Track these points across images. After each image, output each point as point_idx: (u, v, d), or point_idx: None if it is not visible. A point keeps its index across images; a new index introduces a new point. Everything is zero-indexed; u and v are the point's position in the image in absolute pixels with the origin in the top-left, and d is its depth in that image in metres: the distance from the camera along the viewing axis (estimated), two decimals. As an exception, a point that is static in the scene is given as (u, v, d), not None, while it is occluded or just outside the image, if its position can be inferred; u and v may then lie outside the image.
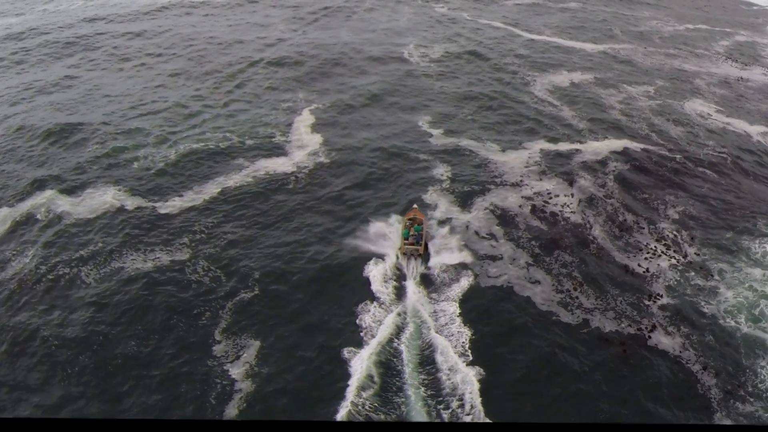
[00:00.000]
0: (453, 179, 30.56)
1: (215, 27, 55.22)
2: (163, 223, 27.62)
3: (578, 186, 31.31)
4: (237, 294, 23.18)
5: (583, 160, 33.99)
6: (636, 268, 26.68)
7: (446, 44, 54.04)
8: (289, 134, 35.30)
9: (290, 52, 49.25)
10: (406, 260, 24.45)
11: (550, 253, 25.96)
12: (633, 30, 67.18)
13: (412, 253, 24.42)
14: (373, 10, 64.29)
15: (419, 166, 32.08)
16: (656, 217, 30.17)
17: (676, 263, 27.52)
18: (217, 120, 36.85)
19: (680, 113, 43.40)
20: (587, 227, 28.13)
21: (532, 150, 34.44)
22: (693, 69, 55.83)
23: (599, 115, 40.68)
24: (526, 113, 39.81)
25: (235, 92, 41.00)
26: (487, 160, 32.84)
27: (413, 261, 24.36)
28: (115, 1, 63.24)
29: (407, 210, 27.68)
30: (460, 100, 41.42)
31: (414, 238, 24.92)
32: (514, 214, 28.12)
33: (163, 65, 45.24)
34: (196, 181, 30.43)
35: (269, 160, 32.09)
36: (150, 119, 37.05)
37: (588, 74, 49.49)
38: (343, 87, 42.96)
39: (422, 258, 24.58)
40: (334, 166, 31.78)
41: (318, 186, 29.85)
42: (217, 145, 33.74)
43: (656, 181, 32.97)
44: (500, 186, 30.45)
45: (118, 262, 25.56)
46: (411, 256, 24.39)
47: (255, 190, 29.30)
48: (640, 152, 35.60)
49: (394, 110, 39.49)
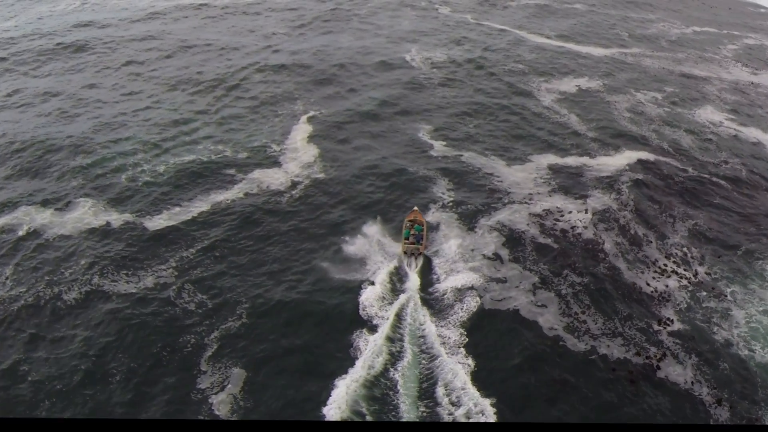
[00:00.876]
0: (456, 196, 29.18)
1: (213, 32, 53.96)
2: (150, 242, 26.40)
3: (589, 202, 29.82)
4: (224, 321, 21.92)
5: (594, 174, 32.53)
6: (646, 288, 25.36)
7: (449, 49, 52.68)
8: (284, 145, 34.05)
9: (289, 58, 47.97)
10: (407, 258, 24.66)
11: (559, 275, 24.62)
12: (640, 33, 65.72)
13: (413, 252, 24.70)
14: (376, 14, 62.94)
15: (420, 182, 30.68)
16: (668, 233, 28.81)
17: (687, 283, 26.19)
18: (210, 129, 35.63)
19: (691, 121, 41.99)
20: (599, 246, 26.71)
21: (539, 163, 33.04)
22: (702, 74, 54.37)
23: (608, 124, 39.28)
24: (532, 122, 38.44)
25: (230, 100, 39.75)
26: (492, 175, 31.44)
27: (414, 259, 24.60)
28: (111, 6, 62.06)
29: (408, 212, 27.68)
30: (463, 109, 40.09)
31: (414, 237, 25.15)
32: (521, 234, 26.72)
33: (158, 72, 44.02)
34: (186, 195, 29.20)
35: (263, 173, 30.82)
36: (141, 128, 35.84)
37: (595, 80, 48.09)
38: (343, 94, 41.69)
39: (422, 256, 24.79)
40: (331, 181, 30.48)
41: (313, 203, 28.54)
42: (210, 156, 32.50)
43: (668, 195, 31.58)
44: (507, 204, 29.01)
45: (100, 283, 24.34)
46: (412, 255, 24.67)
47: (246, 207, 28.01)
48: (651, 164, 34.17)
49: (394, 119, 38.19)
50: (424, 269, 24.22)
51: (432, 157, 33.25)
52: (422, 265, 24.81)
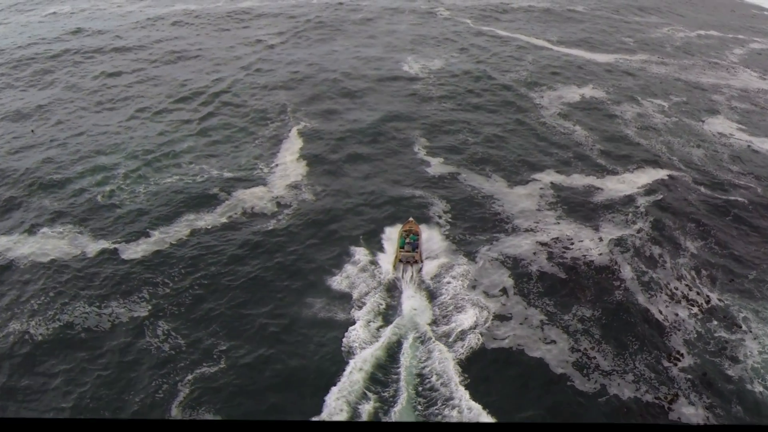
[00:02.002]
0: (455, 222, 27.14)
1: (203, 42, 52.11)
2: (124, 272, 24.55)
3: (600, 228, 27.65)
4: (199, 364, 20.01)
5: (603, 195, 30.38)
6: (660, 316, 23.51)
7: (448, 56, 50.82)
8: (272, 162, 32.16)
9: (282, 69, 46.14)
10: (402, 267, 23.75)
11: (568, 309, 22.65)
12: (644, 38, 63.88)
13: (408, 260, 23.83)
14: (373, 20, 61.12)
15: (415, 205, 28.63)
16: (682, 256, 26.85)
17: (698, 311, 24.37)
18: (195, 146, 33.74)
19: (700, 133, 40.07)
20: (613, 274, 24.68)
21: (543, 182, 31.00)
22: (709, 81, 52.48)
23: (615, 138, 37.32)
24: (534, 136, 36.47)
25: (218, 114, 37.86)
26: (493, 198, 29.37)
27: (409, 268, 23.69)
28: (99, 14, 60.33)
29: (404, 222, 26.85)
30: (462, 122, 38.16)
31: (410, 245, 24.47)
32: (527, 264, 24.62)
33: (143, 84, 42.14)
34: (165, 219, 27.31)
35: (248, 194, 28.89)
36: (123, 145, 34.00)
37: (599, 89, 46.20)
38: (335, 105, 39.78)
39: (418, 266, 23.94)
40: (319, 203, 28.56)
41: (299, 226, 26.60)
42: (193, 176, 30.63)
43: (682, 215, 29.52)
44: (510, 231, 26.88)
45: (70, 316, 22.62)
46: (407, 263, 23.77)
47: (228, 233, 26.10)
48: (663, 182, 32.05)
49: (389, 133, 36.26)
50: (422, 304, 22.26)
51: (428, 177, 31.29)
52: (418, 286, 23.42)
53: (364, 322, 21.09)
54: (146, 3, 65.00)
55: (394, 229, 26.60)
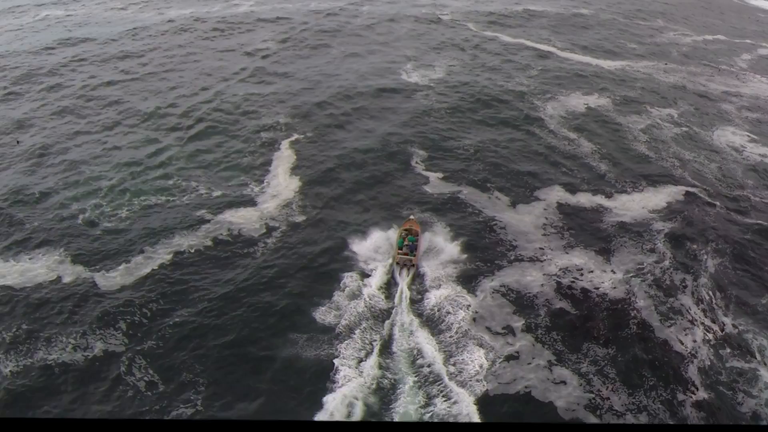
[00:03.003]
0: (454, 247, 25.17)
1: (195, 51, 50.44)
2: (101, 301, 22.94)
3: (612, 255, 25.82)
4: (177, 407, 18.40)
5: (613, 217, 28.56)
6: (676, 345, 21.90)
7: (448, 63, 49.17)
8: (264, 178, 30.50)
9: (275, 78, 44.46)
10: (398, 269, 23.67)
11: (579, 346, 20.90)
12: (650, 43, 62.28)
13: (405, 263, 23.84)
14: (372, 26, 59.49)
15: (412, 226, 27.02)
16: (699, 282, 25.15)
17: (712, 337, 22.81)
18: (184, 161, 32.07)
19: (712, 145, 38.39)
20: (628, 305, 22.96)
21: (548, 202, 29.25)
22: (718, 88, 50.85)
23: (622, 151, 35.63)
24: (538, 150, 34.74)
25: (209, 127, 36.12)
26: (495, 219, 27.57)
27: (405, 271, 23.64)
28: (91, 20, 58.78)
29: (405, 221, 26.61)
30: (462, 133, 36.49)
31: (408, 248, 24.37)
32: (532, 298, 22.81)
33: (131, 96, 40.41)
34: (148, 242, 25.68)
35: (236, 215, 27.21)
36: (108, 159, 32.40)
37: (605, 97, 44.56)
38: (330, 117, 38.07)
39: (415, 269, 23.84)
40: (311, 225, 26.87)
41: (289, 253, 24.90)
42: (180, 196, 29.00)
43: (696, 237, 27.77)
44: (513, 260, 25.02)
45: (41, 350, 21.01)
46: (404, 266, 23.75)
47: (214, 258, 24.41)
48: (675, 201, 30.26)
49: (386, 146, 34.56)
50: (419, 339, 20.58)
51: (427, 196, 29.59)
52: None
53: (353, 361, 19.41)
54: (139, 7, 63.49)
55: (387, 251, 25.03)
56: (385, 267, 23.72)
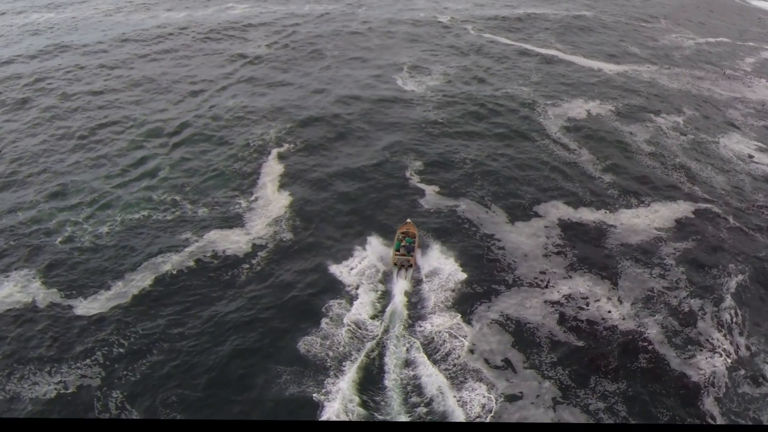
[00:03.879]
0: (449, 272, 23.75)
1: (184, 59, 49.02)
2: (77, 330, 21.65)
3: (620, 279, 24.33)
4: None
5: (618, 236, 27.10)
6: (694, 374, 20.57)
7: (445, 69, 47.81)
8: (252, 194, 29.16)
9: (266, 87, 43.03)
10: (396, 270, 23.93)
11: (586, 382, 19.49)
12: (652, 45, 60.97)
13: (403, 264, 24.14)
14: (368, 31, 58.08)
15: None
16: (717, 302, 23.85)
17: (735, 367, 21.55)
18: (169, 176, 30.64)
19: (719, 155, 37.07)
20: (639, 336, 21.55)
21: (548, 218, 27.91)
22: (723, 93, 49.57)
23: (626, 162, 34.29)
24: (538, 161, 33.39)
25: (196, 139, 34.74)
26: (493, 238, 26.24)
27: (403, 271, 23.95)
28: (81, 25, 57.34)
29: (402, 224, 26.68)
30: (460, 143, 35.14)
31: (405, 248, 24.62)
32: (533, 328, 21.36)
33: (117, 106, 38.85)
34: (129, 264, 24.37)
35: (222, 234, 25.85)
36: (90, 172, 31.07)
37: (608, 103, 43.25)
38: (323, 128, 36.58)
39: (413, 268, 24.17)
40: (300, 244, 25.53)
41: (276, 279, 23.50)
42: (164, 211, 27.69)
43: (707, 256, 26.39)
44: (512, 284, 23.61)
45: (12, 383, 19.78)
46: (402, 267, 24.08)
47: (197, 284, 23.04)
48: (684, 218, 28.86)
49: (379, 157, 33.17)
50: (412, 381, 19.22)
51: (422, 211, 28.26)
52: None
53: (339, 400, 18.09)
54: (130, 11, 62.04)
55: (376, 275, 23.82)
56: (377, 294, 22.48)
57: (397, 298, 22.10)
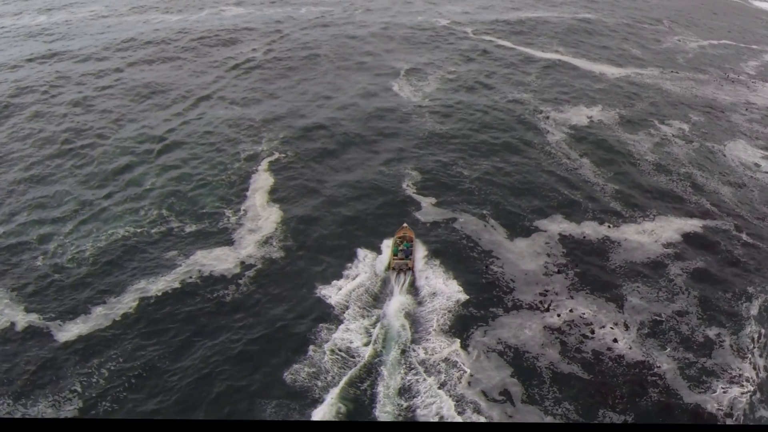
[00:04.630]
0: (444, 292, 22.69)
1: (175, 66, 47.91)
2: (57, 355, 20.62)
3: (626, 303, 23.01)
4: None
5: (623, 252, 25.96)
6: (707, 407, 19.41)
7: (445, 72, 46.70)
8: (240, 207, 28.08)
9: (257, 95, 41.92)
10: (395, 275, 23.81)
11: (592, 418, 18.31)
12: (655, 48, 59.83)
13: (401, 268, 24.04)
14: (364, 36, 56.92)
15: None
16: (737, 330, 22.57)
17: (746, 388, 20.40)
18: (156, 187, 29.65)
19: (724, 163, 35.95)
20: (649, 367, 20.33)
21: (549, 233, 26.78)
22: (727, 98, 48.44)
23: (629, 172, 33.17)
24: (538, 173, 32.27)
25: (184, 148, 33.73)
26: (491, 255, 25.13)
27: (402, 276, 23.80)
28: (75, 31, 56.14)
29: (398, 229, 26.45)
30: (458, 152, 34.01)
31: (403, 253, 24.57)
32: (534, 358, 20.14)
33: (105, 115, 37.75)
34: (112, 287, 23.28)
35: (209, 254, 24.83)
36: (75, 185, 30.01)
37: (610, 109, 42.14)
38: (315, 136, 35.46)
39: (411, 273, 23.94)
40: (290, 263, 24.46)
41: (264, 299, 22.48)
42: (150, 228, 26.61)
43: (718, 276, 25.13)
44: (511, 306, 22.47)
45: (-11, 417, 18.69)
46: (400, 271, 23.96)
47: (182, 310, 21.95)
48: (691, 233, 27.66)
49: (373, 168, 32.12)
50: (406, 412, 18.14)
51: (419, 224, 27.17)
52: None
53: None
54: (123, 14, 60.87)
55: (364, 297, 22.74)
56: (369, 320, 21.42)
57: (391, 320, 21.04)
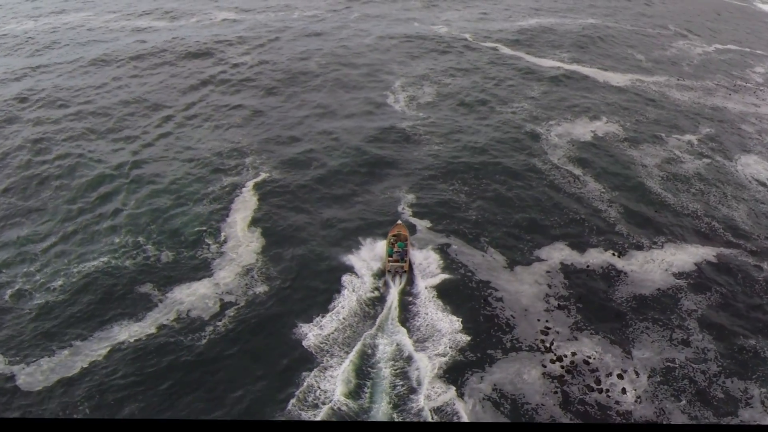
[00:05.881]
0: (437, 324, 21.06)
1: (160, 79, 46.23)
2: (18, 404, 18.97)
3: (634, 348, 21.12)
4: None
5: (628, 284, 24.13)
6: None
7: (441, 83, 44.96)
8: (221, 233, 26.35)
9: (244, 108, 40.15)
10: (390, 277, 23.59)
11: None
12: (660, 55, 58.08)
13: (397, 270, 23.77)
14: (358, 42, 55.20)
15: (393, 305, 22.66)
16: (759, 376, 20.69)
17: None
18: (133, 211, 27.90)
19: (737, 181, 34.15)
20: (660, 424, 18.24)
21: (550, 262, 25.05)
22: (736, 108, 46.70)
23: (636, 192, 31.39)
24: (539, 192, 30.51)
25: (166, 169, 31.98)
26: (489, 286, 23.35)
27: (398, 278, 23.58)
28: (53, 42, 54.50)
29: (393, 227, 26.27)
30: (454, 171, 32.17)
31: (398, 254, 24.29)
32: (534, 410, 18.40)
33: (78, 139, 35.02)
34: (81, 329, 21.57)
35: (186, 289, 23.13)
36: (49, 212, 28.34)
37: (615, 122, 40.39)
38: (303, 153, 33.57)
39: (407, 274, 23.72)
40: (274, 297, 22.74)
41: (246, 343, 20.75)
42: (125, 259, 24.92)
43: (743, 310, 23.33)
44: (510, 347, 20.74)
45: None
46: (396, 273, 23.71)
47: (156, 354, 20.20)
48: (704, 262, 25.78)
49: (366, 187, 30.41)
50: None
51: (414, 249, 25.42)
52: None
53: None
54: (109, 21, 59.17)
55: (348, 338, 21.04)
56: (355, 364, 19.75)
57: (381, 368, 19.34)
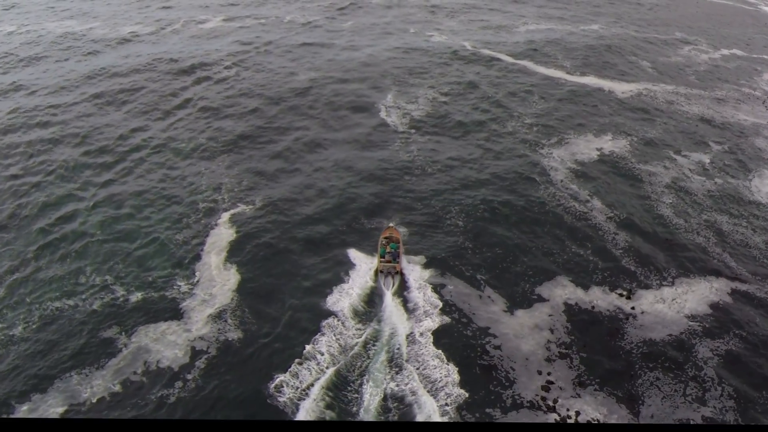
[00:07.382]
0: (429, 381, 19.01)
1: (137, 98, 44.05)
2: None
3: (639, 404, 19.03)
4: None
5: (638, 330, 22.01)
6: None
7: (436, 96, 42.83)
8: (194, 271, 24.29)
9: (222, 131, 37.85)
10: (383, 278, 23.67)
11: None
12: (665, 62, 55.92)
13: (389, 271, 23.89)
14: (351, 49, 53.13)
15: (382, 346, 20.65)
16: None
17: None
18: (99, 247, 25.73)
19: (752, 204, 31.94)
20: None
21: (553, 303, 22.93)
22: (747, 119, 44.53)
23: (644, 218, 29.22)
24: (541, 222, 28.31)
25: (134, 196, 29.58)
26: (487, 334, 21.21)
27: (390, 278, 23.64)
28: (32, 54, 52.49)
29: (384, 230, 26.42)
30: (449, 201, 29.82)
31: (390, 255, 24.44)
32: None
33: (39, 166, 32.85)
34: (40, 381, 19.62)
35: (155, 335, 21.10)
36: (10, 245, 26.35)
37: (621, 138, 38.26)
38: (284, 176, 31.59)
39: (399, 275, 23.86)
40: (247, 343, 20.72)
41: (217, 397, 18.74)
42: (91, 299, 22.89)
43: (758, 354, 21.18)
44: (510, 404, 18.74)
45: None
46: (388, 274, 23.80)
47: (121, 410, 18.24)
48: (720, 298, 23.70)
49: (352, 215, 28.31)
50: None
51: (401, 296, 23.29)
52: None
53: None
54: (94, 27, 57.18)
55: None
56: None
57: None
